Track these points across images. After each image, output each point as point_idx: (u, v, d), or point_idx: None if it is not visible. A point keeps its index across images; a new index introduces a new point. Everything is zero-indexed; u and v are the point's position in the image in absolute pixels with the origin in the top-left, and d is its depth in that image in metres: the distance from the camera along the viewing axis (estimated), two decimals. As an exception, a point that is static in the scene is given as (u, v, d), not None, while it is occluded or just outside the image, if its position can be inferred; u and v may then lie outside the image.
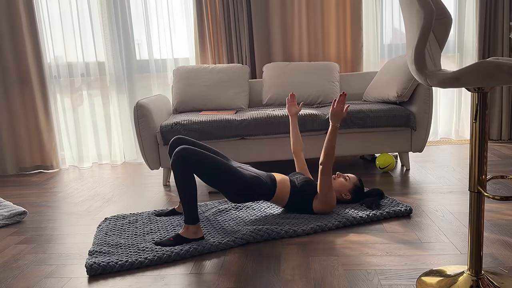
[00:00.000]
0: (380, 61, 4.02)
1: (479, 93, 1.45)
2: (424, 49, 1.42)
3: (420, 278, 1.66)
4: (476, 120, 1.47)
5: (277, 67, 3.66)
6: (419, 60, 1.43)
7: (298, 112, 2.75)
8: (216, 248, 2.02)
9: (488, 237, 2.00)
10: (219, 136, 3.05)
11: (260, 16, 3.84)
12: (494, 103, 4.04)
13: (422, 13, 1.36)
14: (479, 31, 3.86)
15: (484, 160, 1.47)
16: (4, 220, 2.55)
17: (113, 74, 3.96)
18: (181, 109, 3.56)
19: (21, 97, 3.85)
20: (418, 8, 1.37)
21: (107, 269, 1.86)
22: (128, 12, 3.90)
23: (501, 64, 1.27)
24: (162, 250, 1.99)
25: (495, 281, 1.56)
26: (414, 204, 2.50)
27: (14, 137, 3.90)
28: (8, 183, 3.60)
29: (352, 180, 2.48)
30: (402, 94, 3.09)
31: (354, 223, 2.23)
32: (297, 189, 2.34)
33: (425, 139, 3.11)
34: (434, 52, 1.55)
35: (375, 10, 3.92)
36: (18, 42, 3.76)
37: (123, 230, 2.28)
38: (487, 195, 1.44)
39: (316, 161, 3.70)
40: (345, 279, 1.70)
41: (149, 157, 3.10)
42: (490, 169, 3.13)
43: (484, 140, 1.47)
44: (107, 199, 2.95)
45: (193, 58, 3.99)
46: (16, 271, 1.93)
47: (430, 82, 1.44)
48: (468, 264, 1.58)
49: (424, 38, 1.39)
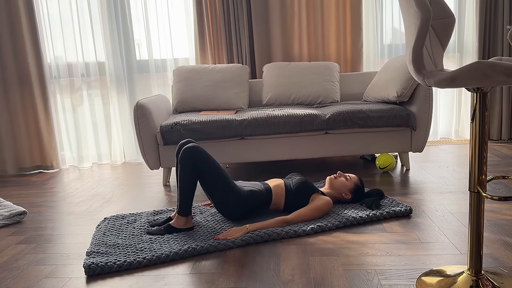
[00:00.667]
0: (380, 61, 4.02)
1: (478, 93, 1.45)
2: (422, 50, 1.42)
3: (420, 278, 1.66)
4: (473, 120, 1.47)
5: (277, 67, 3.66)
6: (417, 60, 1.43)
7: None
8: (215, 248, 2.02)
9: (488, 237, 2.00)
10: (219, 136, 3.05)
11: (260, 16, 3.84)
12: (494, 103, 4.04)
13: (419, 14, 1.36)
14: (479, 31, 3.86)
15: (483, 161, 1.48)
16: (4, 220, 2.55)
17: (113, 74, 3.96)
18: (181, 109, 3.56)
19: (21, 97, 3.85)
20: (415, 9, 1.38)
21: (105, 269, 1.86)
22: (128, 12, 3.90)
23: (495, 65, 1.27)
24: (161, 250, 1.99)
25: (495, 281, 1.56)
26: (414, 204, 2.50)
27: (14, 137, 3.90)
28: (8, 183, 3.60)
29: (353, 180, 2.48)
30: (402, 94, 3.09)
31: (354, 223, 2.23)
32: (292, 192, 2.36)
33: (425, 139, 3.11)
34: (436, 52, 1.55)
35: (375, 10, 3.92)
36: (18, 42, 3.76)
37: (121, 230, 2.28)
38: (485, 195, 1.44)
39: (316, 161, 3.70)
40: (345, 279, 1.70)
41: (149, 157, 3.10)
42: (490, 169, 3.13)
43: (483, 140, 1.47)
44: (107, 199, 2.95)
45: (193, 58, 3.99)
46: (16, 271, 1.93)
47: (428, 82, 1.44)
48: (468, 264, 1.58)
49: (421, 38, 1.39)
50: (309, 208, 2.27)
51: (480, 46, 3.89)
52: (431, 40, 1.53)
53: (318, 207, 2.27)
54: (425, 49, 1.50)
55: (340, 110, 3.06)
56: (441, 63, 1.58)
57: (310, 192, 2.35)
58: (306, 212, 2.26)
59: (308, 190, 2.35)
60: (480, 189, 1.49)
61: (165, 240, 2.12)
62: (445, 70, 1.49)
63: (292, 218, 2.23)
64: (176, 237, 2.14)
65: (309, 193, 2.34)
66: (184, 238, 2.13)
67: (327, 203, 2.30)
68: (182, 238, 2.13)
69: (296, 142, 3.11)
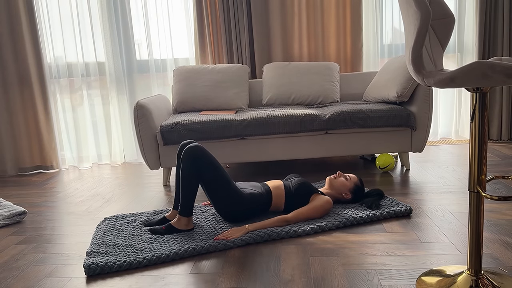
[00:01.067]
0: (380, 61, 4.02)
1: (477, 93, 1.45)
2: (421, 50, 1.42)
3: (420, 278, 1.66)
4: (473, 120, 1.47)
5: (277, 67, 3.66)
6: (417, 60, 1.43)
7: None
8: (215, 248, 2.02)
9: (488, 237, 2.00)
10: (219, 136, 3.05)
11: (260, 16, 3.84)
12: (494, 103, 4.04)
13: (419, 14, 1.36)
14: (479, 31, 3.86)
15: (483, 161, 1.48)
16: (4, 220, 2.55)
17: (113, 74, 3.96)
18: (181, 109, 3.56)
19: (21, 97, 3.85)
20: (414, 9, 1.38)
21: (105, 269, 1.86)
22: (128, 12, 3.90)
23: (495, 65, 1.28)
24: (161, 250, 1.99)
25: (494, 281, 1.56)
26: (414, 204, 2.50)
27: (14, 137, 3.90)
28: (8, 183, 3.60)
29: (352, 180, 2.48)
30: (402, 94, 3.09)
31: (354, 223, 2.23)
32: (292, 193, 2.36)
33: (425, 139, 3.11)
34: (435, 52, 1.55)
35: (375, 10, 3.92)
36: (18, 42, 3.76)
37: (121, 230, 2.28)
38: (485, 195, 1.45)
39: (316, 161, 3.70)
40: (345, 279, 1.70)
41: (149, 157, 3.10)
42: (490, 169, 3.13)
43: (483, 140, 1.47)
44: (107, 199, 2.95)
45: (193, 58, 3.99)
46: (16, 271, 1.93)
47: (427, 82, 1.44)
48: (467, 264, 1.58)
49: (421, 39, 1.39)
50: (309, 207, 2.27)
51: (480, 46, 3.89)
52: (431, 40, 1.53)
53: (318, 206, 2.28)
54: (425, 49, 1.50)
55: (340, 110, 3.06)
56: (441, 63, 1.59)
57: (310, 192, 2.35)
58: (306, 211, 2.26)
59: (307, 190, 2.35)
60: (479, 189, 1.49)
61: (165, 240, 2.12)
62: (444, 70, 1.49)
63: (291, 217, 2.23)
64: (176, 237, 2.14)
65: (309, 194, 2.34)
66: (184, 238, 2.13)
67: (327, 202, 2.30)
68: (182, 238, 2.13)
69: (296, 142, 3.11)
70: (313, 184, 2.87)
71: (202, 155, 2.18)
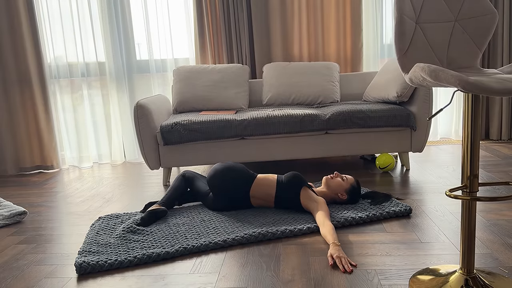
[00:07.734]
0: (380, 61, 4.02)
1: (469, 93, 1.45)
2: (403, 49, 1.45)
3: (415, 276, 1.66)
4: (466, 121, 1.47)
5: (277, 67, 3.66)
6: (400, 60, 1.49)
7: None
8: (206, 247, 2.03)
9: (488, 237, 2.00)
10: (219, 136, 3.05)
11: (260, 16, 3.84)
12: (494, 103, 4.04)
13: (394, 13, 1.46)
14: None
15: (475, 163, 1.47)
16: (4, 220, 2.55)
17: (113, 74, 3.96)
18: (181, 109, 3.56)
19: (21, 97, 3.85)
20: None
21: (96, 268, 1.88)
22: (128, 12, 3.90)
23: (423, 68, 1.32)
24: (151, 249, 2.01)
25: (486, 279, 1.57)
26: (414, 204, 2.50)
27: (14, 137, 3.90)
28: (8, 183, 3.60)
29: (349, 180, 2.49)
30: (402, 94, 3.09)
31: (354, 223, 2.23)
32: (283, 183, 2.42)
33: (425, 139, 3.11)
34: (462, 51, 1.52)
35: (375, 10, 3.92)
36: (18, 42, 3.76)
37: (114, 229, 2.29)
38: (473, 198, 1.45)
39: (316, 161, 3.70)
40: (345, 279, 1.70)
41: (149, 157, 3.10)
42: (490, 169, 3.13)
43: (475, 141, 1.46)
44: (107, 199, 2.95)
45: (193, 58, 3.99)
46: (16, 271, 1.93)
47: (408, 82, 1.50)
48: (460, 263, 1.58)
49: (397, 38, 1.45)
50: (324, 213, 2.18)
51: (480, 46, 3.89)
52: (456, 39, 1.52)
53: (327, 210, 2.23)
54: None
55: (340, 110, 3.06)
56: (471, 62, 1.54)
57: (301, 184, 2.39)
58: (325, 214, 2.19)
59: (299, 182, 2.39)
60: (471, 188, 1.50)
61: (156, 239, 2.13)
62: (479, 68, 1.51)
63: (328, 221, 2.12)
64: (168, 236, 2.15)
65: (299, 185, 2.38)
66: (176, 237, 2.14)
67: (325, 203, 2.30)
68: (173, 237, 2.14)
69: (296, 142, 3.11)
70: (312, 184, 2.87)
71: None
